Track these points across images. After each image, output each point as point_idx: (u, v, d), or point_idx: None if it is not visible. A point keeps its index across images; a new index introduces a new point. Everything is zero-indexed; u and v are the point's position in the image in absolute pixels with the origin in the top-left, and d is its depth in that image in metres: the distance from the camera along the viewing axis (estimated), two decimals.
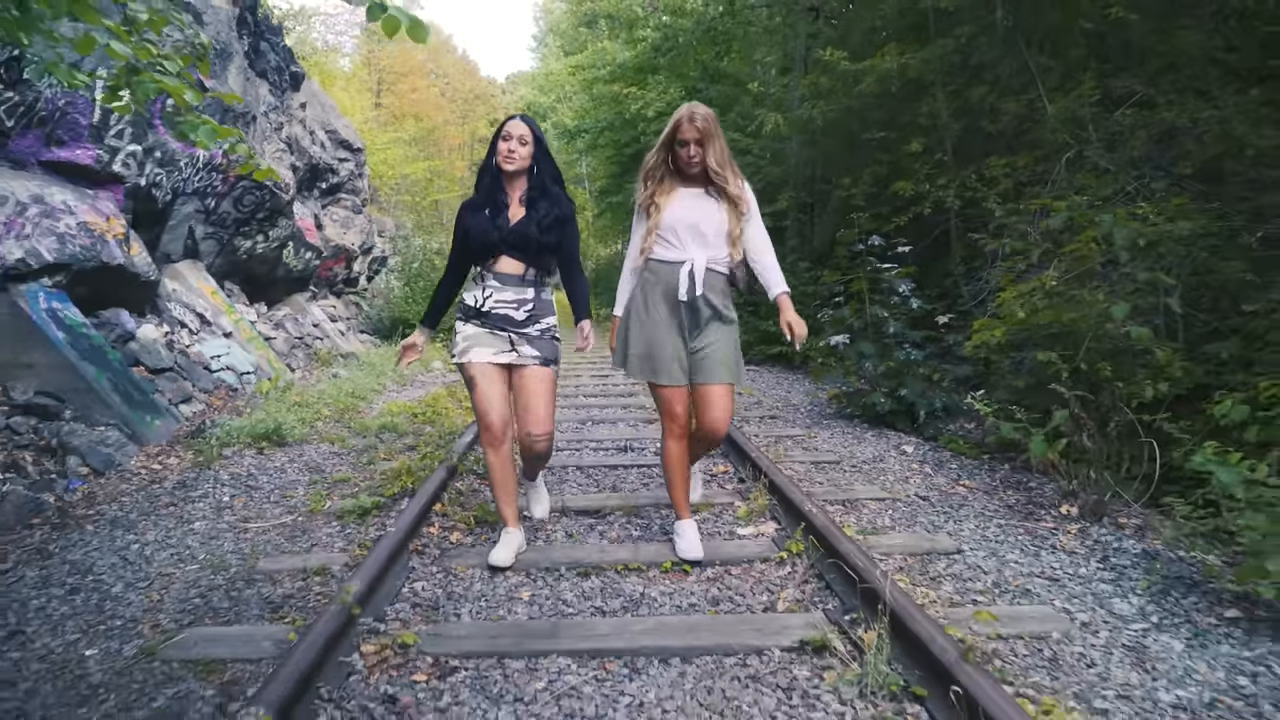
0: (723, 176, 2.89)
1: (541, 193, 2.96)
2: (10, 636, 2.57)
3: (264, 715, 1.72)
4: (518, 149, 2.91)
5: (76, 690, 2.23)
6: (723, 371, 2.90)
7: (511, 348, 2.96)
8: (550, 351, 2.99)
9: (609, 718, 2.04)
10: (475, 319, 2.97)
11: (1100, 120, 5.94)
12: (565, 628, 2.51)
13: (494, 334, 2.95)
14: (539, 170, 2.97)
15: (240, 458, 4.94)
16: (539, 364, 2.95)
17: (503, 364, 2.97)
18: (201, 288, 7.55)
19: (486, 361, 2.94)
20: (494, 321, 2.95)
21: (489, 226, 2.91)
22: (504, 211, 2.94)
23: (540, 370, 2.95)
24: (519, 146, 2.91)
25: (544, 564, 3.07)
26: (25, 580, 3.05)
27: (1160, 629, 2.51)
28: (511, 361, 2.96)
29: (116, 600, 2.86)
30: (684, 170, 2.93)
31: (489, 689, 2.18)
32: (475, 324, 2.97)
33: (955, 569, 3.04)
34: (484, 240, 2.92)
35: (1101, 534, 3.39)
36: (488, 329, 2.95)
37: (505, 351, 2.96)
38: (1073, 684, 2.17)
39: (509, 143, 2.90)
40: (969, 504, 3.88)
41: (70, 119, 5.69)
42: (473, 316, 2.98)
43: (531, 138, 2.94)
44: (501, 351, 2.96)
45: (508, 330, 2.95)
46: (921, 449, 5.08)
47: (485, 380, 2.93)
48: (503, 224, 2.92)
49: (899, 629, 2.22)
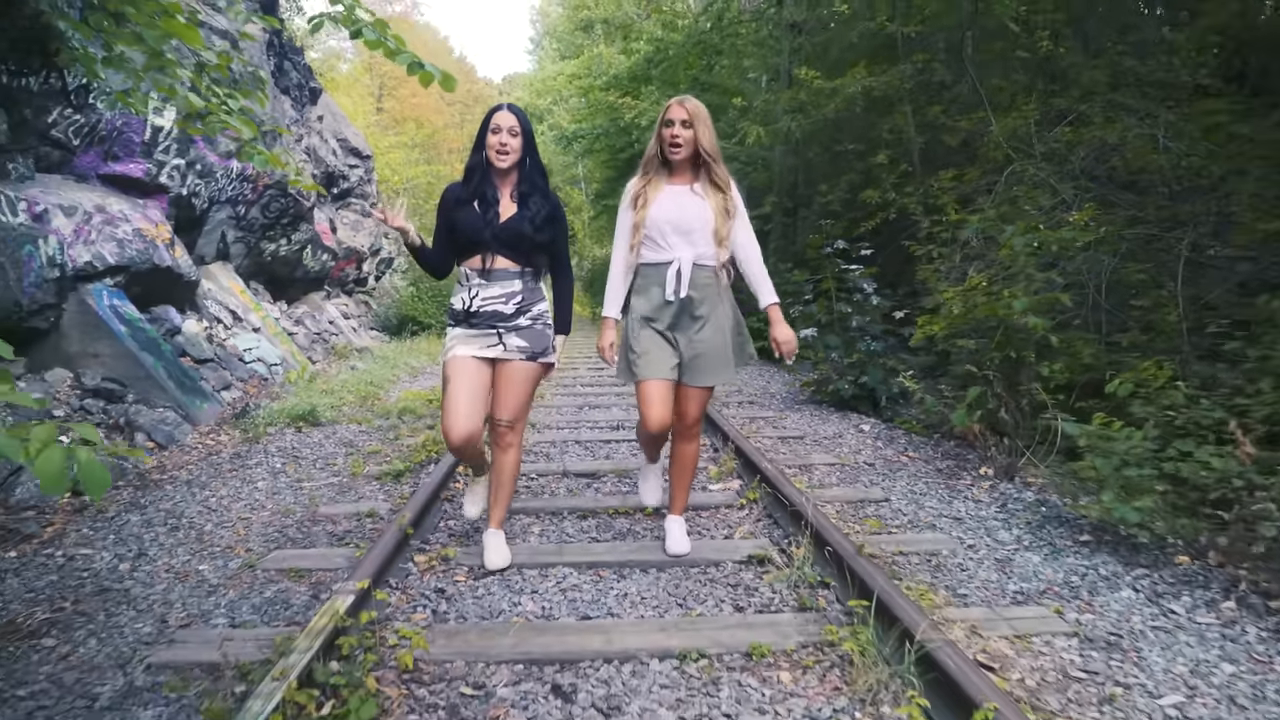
0: (713, 158, 2.81)
1: (532, 187, 2.84)
2: (139, 555, 3.30)
3: (361, 582, 2.45)
4: (509, 141, 2.75)
5: (201, 589, 2.96)
6: (708, 375, 2.86)
7: (499, 341, 2.85)
8: (538, 343, 2.88)
9: (601, 603, 2.77)
10: (465, 323, 2.87)
11: (1043, 137, 6.70)
12: (568, 549, 3.25)
13: (483, 333, 2.85)
14: (530, 163, 2.85)
15: (282, 435, 5.67)
16: (523, 358, 2.86)
17: (488, 359, 2.87)
18: (232, 286, 8.28)
19: (469, 355, 2.84)
20: (483, 320, 2.84)
21: (479, 223, 2.77)
22: (494, 207, 2.79)
23: (522, 365, 2.86)
24: (510, 138, 2.75)
25: (549, 510, 3.81)
26: (131, 523, 3.78)
27: (1027, 549, 3.25)
28: (497, 355, 2.86)
29: (210, 535, 3.59)
30: (670, 156, 2.81)
31: (512, 586, 2.91)
32: (465, 327, 2.87)
33: (880, 512, 3.78)
34: (475, 238, 2.78)
35: (1008, 489, 4.13)
36: (476, 329, 2.85)
37: (492, 346, 2.85)
38: (947, 581, 2.92)
39: (499, 135, 2.75)
40: (906, 468, 4.63)
41: (125, 137, 6.42)
42: (461, 321, 2.88)
43: (520, 128, 2.78)
44: (488, 346, 2.85)
45: (496, 326, 2.84)
46: (878, 428, 5.82)
47: (460, 377, 2.81)
48: (493, 220, 2.78)
49: (819, 542, 2.96)
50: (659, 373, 2.83)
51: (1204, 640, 2.44)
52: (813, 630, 2.47)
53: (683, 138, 2.77)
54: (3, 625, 2.64)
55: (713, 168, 2.82)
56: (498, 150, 2.75)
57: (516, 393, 2.88)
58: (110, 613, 2.75)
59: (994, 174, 6.87)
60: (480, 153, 2.80)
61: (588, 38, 28.90)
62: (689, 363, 2.86)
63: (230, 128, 4.10)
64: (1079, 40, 7.49)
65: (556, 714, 2.06)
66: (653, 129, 2.92)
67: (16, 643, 2.52)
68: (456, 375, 2.81)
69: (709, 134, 2.79)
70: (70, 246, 5.72)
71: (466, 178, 2.85)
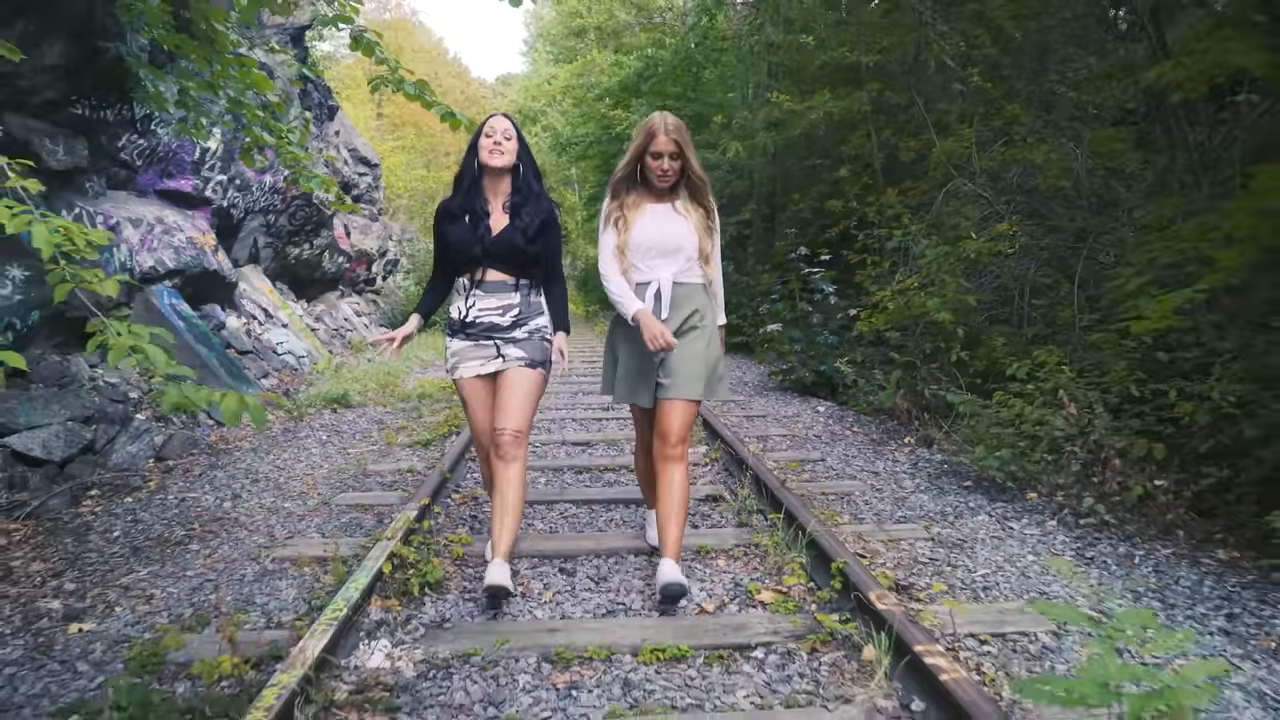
0: (704, 182, 2.80)
1: (525, 196, 2.84)
2: (235, 498, 4.27)
3: (423, 500, 3.43)
4: (504, 143, 2.77)
5: (292, 517, 3.92)
6: (685, 388, 2.73)
7: (498, 353, 2.86)
8: (537, 353, 2.88)
9: (594, 524, 3.74)
10: (461, 333, 2.89)
11: (981, 156, 7.68)
12: (568, 491, 4.22)
13: (480, 345, 2.86)
14: (523, 169, 2.86)
15: (321, 415, 6.62)
16: (523, 365, 2.85)
17: (489, 374, 2.89)
18: (262, 287, 9.22)
19: (474, 376, 2.88)
20: (480, 331, 2.85)
21: (470, 238, 2.78)
22: (485, 220, 2.80)
23: (522, 370, 2.84)
24: (504, 141, 2.78)
25: (553, 467, 4.79)
26: (219, 477, 4.73)
27: (920, 492, 4.24)
28: (497, 369, 2.87)
29: (285, 484, 4.55)
30: (654, 184, 2.77)
31: (527, 516, 3.88)
32: (461, 338, 2.89)
33: (815, 468, 4.77)
34: (467, 252, 2.80)
35: (923, 453, 5.12)
36: (474, 341, 2.87)
37: (491, 360, 2.87)
38: (850, 510, 3.90)
39: (493, 138, 2.77)
40: (845, 438, 5.62)
41: (179, 158, 7.35)
42: (458, 331, 2.89)
43: (514, 133, 2.81)
44: (488, 361, 2.87)
45: (494, 338, 2.85)
46: (832, 409, 6.80)
47: (475, 400, 2.90)
48: (485, 234, 2.78)
49: (757, 484, 3.93)
50: (639, 397, 2.83)
51: (1023, 543, 3.42)
52: (745, 537, 3.45)
53: (673, 170, 2.73)
54: (156, 538, 3.60)
55: (702, 191, 2.81)
56: (490, 149, 2.76)
57: (518, 397, 2.81)
58: (230, 531, 3.71)
59: (937, 189, 7.86)
60: (473, 158, 2.81)
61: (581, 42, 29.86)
62: (670, 377, 2.74)
63: (295, 158, 5.05)
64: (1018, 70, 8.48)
65: (562, 582, 3.03)
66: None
67: (170, 548, 3.48)
68: (471, 398, 2.92)
69: (694, 157, 2.76)
70: (137, 253, 6.66)
71: (456, 185, 2.87)
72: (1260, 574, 2.96)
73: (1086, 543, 3.40)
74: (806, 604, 2.75)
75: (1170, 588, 2.91)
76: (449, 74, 48.69)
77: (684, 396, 2.74)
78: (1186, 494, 3.51)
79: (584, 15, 28.53)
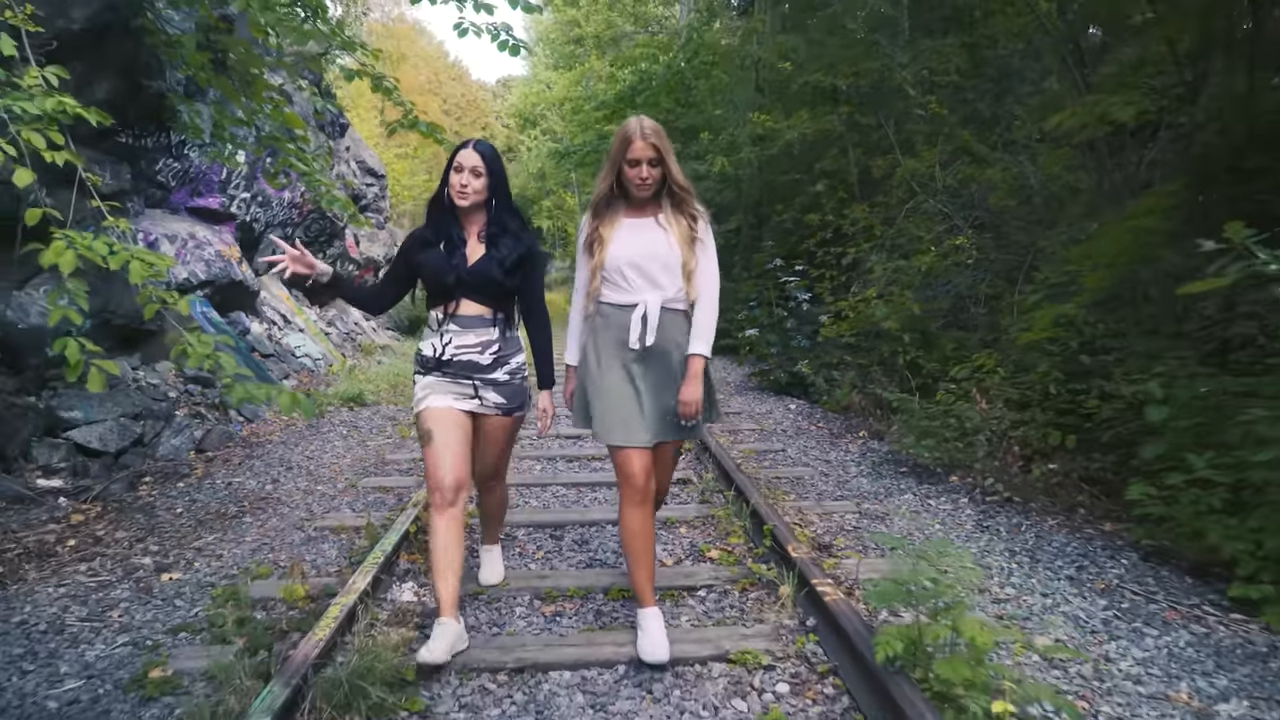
0: (687, 192, 2.58)
1: (502, 229, 2.68)
2: (274, 482, 4.98)
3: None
4: (470, 182, 2.60)
5: (326, 497, 4.62)
6: (676, 430, 2.59)
7: (475, 394, 2.70)
8: (516, 399, 2.75)
9: (580, 503, 4.45)
10: (435, 370, 2.69)
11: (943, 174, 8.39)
12: (560, 476, 4.93)
13: (457, 382, 2.69)
14: (497, 204, 2.69)
15: (339, 413, 7.33)
16: (501, 414, 2.74)
17: (465, 410, 2.71)
18: (280, 294, 9.93)
19: (446, 406, 2.66)
20: (457, 369, 2.68)
21: (444, 267, 2.62)
22: (460, 249, 2.66)
23: (501, 421, 2.75)
24: (472, 179, 2.60)
25: (546, 456, 5.49)
26: (257, 466, 5.44)
27: (862, 477, 4.94)
28: (474, 410, 2.71)
29: (316, 471, 5.26)
30: (633, 194, 2.56)
31: (523, 495, 4.58)
32: (435, 375, 2.69)
33: (775, 457, 5.47)
34: (441, 282, 2.64)
35: (873, 445, 5.83)
36: (449, 378, 2.69)
37: (468, 398, 2.70)
38: (798, 490, 4.61)
39: (460, 175, 2.60)
40: (808, 432, 6.33)
41: (208, 178, 8.07)
42: (432, 369, 2.69)
43: (485, 169, 2.62)
44: (464, 398, 2.69)
45: (472, 377, 2.69)
46: (803, 407, 7.50)
47: (442, 429, 2.61)
48: (460, 263, 2.63)
49: (720, 469, 4.63)
50: (633, 438, 2.51)
51: (935, 515, 4.13)
52: (704, 511, 4.16)
53: (652, 178, 2.51)
54: (214, 513, 4.31)
55: (685, 201, 2.58)
56: (458, 191, 2.61)
57: (496, 448, 2.82)
58: (275, 508, 4.42)
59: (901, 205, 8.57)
60: (444, 189, 2.68)
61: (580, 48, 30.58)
62: (657, 417, 2.55)
63: (320, 184, 5.77)
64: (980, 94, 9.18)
65: (551, 544, 3.75)
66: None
67: (228, 521, 4.20)
68: (437, 425, 2.62)
69: (675, 164, 2.54)
70: (173, 267, 7.36)
71: (429, 214, 2.74)
72: (1132, 541, 3.65)
73: (988, 515, 4.11)
74: (744, 558, 3.46)
75: (1042, 548, 3.62)
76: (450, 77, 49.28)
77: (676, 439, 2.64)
78: (1074, 476, 4.22)
79: (582, 24, 29.26)
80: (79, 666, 2.61)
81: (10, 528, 4.12)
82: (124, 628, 2.90)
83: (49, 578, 3.41)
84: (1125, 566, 3.37)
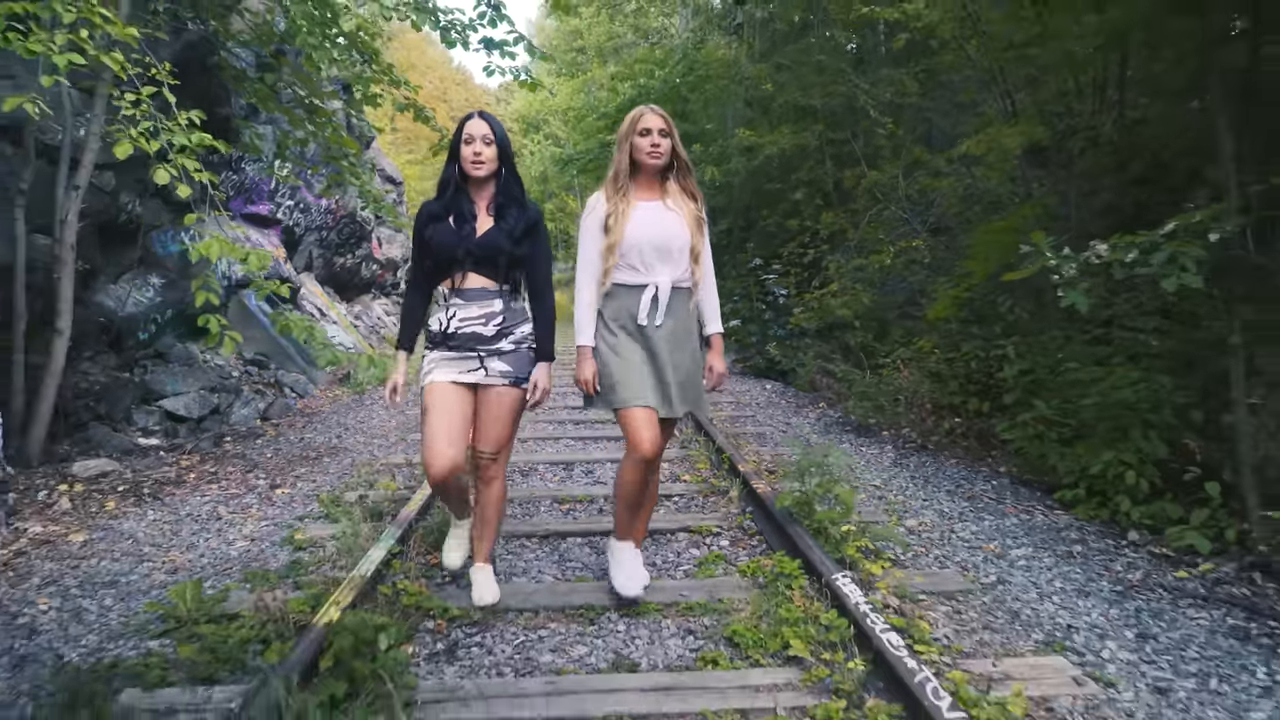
0: (687, 169, 2.73)
1: (509, 198, 2.72)
2: (339, 438, 6.15)
3: None
4: (483, 150, 2.64)
5: (384, 447, 5.78)
6: (683, 402, 2.72)
7: (480, 365, 2.71)
8: (524, 367, 2.75)
9: (586, 449, 5.61)
10: (442, 345, 2.72)
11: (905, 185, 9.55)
12: (569, 431, 6.10)
13: (462, 356, 2.71)
14: (505, 174, 2.73)
15: (377, 392, 8.50)
16: (507, 383, 2.72)
17: (469, 384, 2.72)
18: (315, 290, 11.11)
19: (450, 380, 2.70)
20: (461, 342, 2.69)
21: (454, 239, 2.66)
22: (470, 221, 2.69)
23: (507, 391, 2.73)
24: (484, 148, 2.65)
25: (555, 419, 6.66)
26: (319, 428, 6.61)
27: (814, 434, 6.09)
28: (479, 380, 2.71)
29: (370, 430, 6.43)
30: (645, 164, 2.67)
31: (540, 446, 5.74)
32: (442, 349, 2.73)
33: (745, 422, 6.63)
34: (450, 254, 2.67)
35: (830, 413, 6.99)
36: (455, 351, 2.71)
37: (473, 370, 2.71)
38: (760, 442, 5.76)
39: (472, 145, 2.64)
40: (777, 405, 7.49)
41: (260, 188, 9.26)
42: (439, 343, 2.73)
43: (494, 137, 2.67)
44: (468, 370, 2.71)
45: (477, 349, 2.70)
46: (778, 387, 8.66)
47: (441, 406, 2.67)
48: (469, 234, 2.67)
49: (695, 423, 5.79)
50: (645, 399, 2.65)
51: (864, 459, 5.28)
52: (683, 453, 5.32)
53: (663, 146, 2.66)
54: (299, 457, 5.48)
55: (686, 176, 2.74)
56: (472, 161, 2.65)
57: (500, 421, 2.74)
58: (345, 454, 5.59)
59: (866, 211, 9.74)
60: (454, 165, 2.71)
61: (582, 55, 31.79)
62: (665, 388, 2.67)
63: (371, 193, 6.95)
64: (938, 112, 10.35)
65: (564, 474, 4.91)
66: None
67: (312, 461, 5.36)
68: (435, 404, 2.67)
69: (679, 141, 2.71)
70: (231, 265, 8.55)
71: (440, 192, 2.75)
72: (1004, 471, 4.80)
73: (903, 456, 5.28)
74: (709, 478, 4.63)
75: (935, 476, 4.78)
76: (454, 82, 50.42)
77: (677, 414, 2.72)
78: (974, 429, 5.38)
79: (584, 35, 30.47)
80: (243, 534, 3.79)
81: (137, 468, 5.29)
82: (262, 517, 4.08)
83: (190, 494, 4.59)
84: (993, 486, 4.54)
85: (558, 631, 2.73)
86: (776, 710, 2.18)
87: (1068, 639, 2.62)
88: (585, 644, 2.64)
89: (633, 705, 2.20)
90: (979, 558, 3.40)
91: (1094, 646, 2.57)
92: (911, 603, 2.87)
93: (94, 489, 4.73)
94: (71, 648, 2.65)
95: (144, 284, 7.48)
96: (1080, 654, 2.52)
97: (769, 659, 2.46)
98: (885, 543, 3.43)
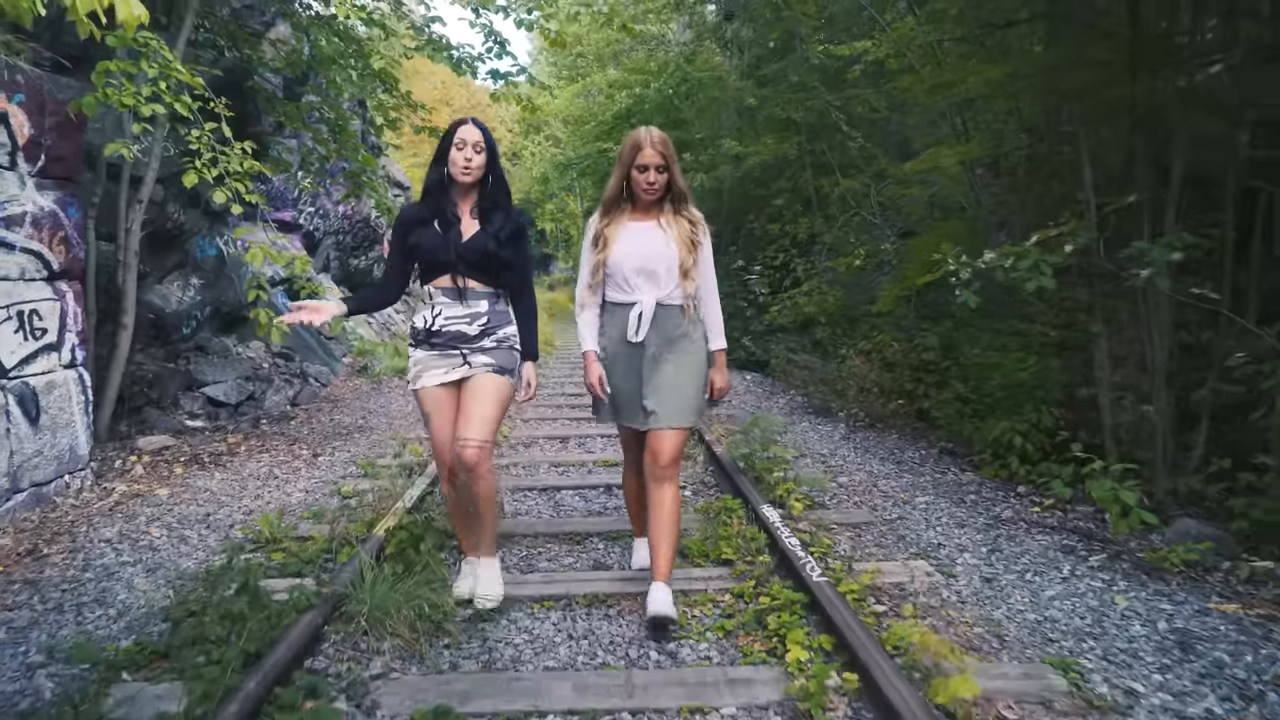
0: (685, 198, 2.79)
1: (494, 204, 2.77)
2: (364, 419, 7.03)
3: None
4: (474, 158, 2.68)
5: (405, 426, 6.65)
6: (673, 416, 2.74)
7: (464, 362, 2.75)
8: (506, 361, 2.78)
9: (580, 428, 6.47)
10: (425, 343, 2.77)
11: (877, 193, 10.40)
12: (564, 414, 6.96)
13: (445, 354, 2.75)
14: (492, 180, 2.77)
15: (392, 381, 9.37)
16: (490, 370, 2.75)
17: (454, 382, 2.77)
18: (332, 290, 11.98)
19: (438, 385, 2.76)
20: (446, 341, 2.74)
21: (441, 244, 2.70)
22: (455, 225, 2.72)
23: (488, 375, 2.74)
24: (475, 155, 2.68)
25: (554, 404, 7.52)
26: (345, 411, 7.48)
27: (779, 414, 6.95)
28: (463, 375, 2.76)
29: (390, 413, 7.30)
30: (640, 197, 2.77)
31: (540, 425, 6.61)
32: (425, 348, 2.77)
33: (723, 409, 7.48)
34: (437, 259, 2.71)
35: (798, 399, 7.85)
36: (439, 351, 2.76)
37: (457, 367, 2.76)
38: (734, 425, 6.62)
39: (464, 151, 2.67)
40: (752, 392, 8.36)
41: (284, 195, 10.12)
42: (423, 341, 2.78)
43: (485, 145, 2.71)
44: (453, 369, 2.76)
45: (459, 348, 2.75)
46: (757, 378, 9.53)
47: (438, 414, 2.78)
48: (455, 239, 2.70)
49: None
50: (631, 419, 2.82)
51: (818, 434, 6.14)
52: None
53: (659, 183, 2.73)
54: (332, 434, 6.36)
55: (683, 204, 2.80)
56: (463, 167, 2.68)
57: (483, 403, 2.71)
58: (373, 432, 6.46)
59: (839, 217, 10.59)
60: (441, 168, 2.73)
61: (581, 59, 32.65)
62: (658, 405, 2.73)
63: (387, 205, 7.81)
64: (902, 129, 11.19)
65: (560, 445, 5.78)
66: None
67: (344, 437, 6.23)
68: (434, 410, 2.78)
69: (679, 171, 2.77)
70: (271, 267, 9.42)
71: (425, 195, 2.78)
72: (935, 444, 5.65)
73: (853, 432, 6.15)
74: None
75: (876, 447, 5.65)
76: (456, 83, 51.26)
77: (671, 425, 2.73)
78: (914, 408, 6.23)
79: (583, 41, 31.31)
80: (299, 488, 4.67)
81: (191, 443, 6.17)
82: (311, 477, 4.96)
83: (246, 461, 5.46)
84: (921, 454, 5.40)
85: (552, 549, 3.61)
86: (708, 590, 3.04)
87: (935, 552, 3.49)
88: (573, 557, 3.51)
89: (604, 589, 3.07)
90: (889, 503, 4.26)
91: (952, 556, 3.44)
92: (824, 531, 3.74)
93: (159, 459, 5.60)
94: (187, 559, 3.53)
95: (186, 284, 8.35)
96: (939, 560, 3.39)
97: (709, 564, 3.33)
98: (817, 492, 4.29)
